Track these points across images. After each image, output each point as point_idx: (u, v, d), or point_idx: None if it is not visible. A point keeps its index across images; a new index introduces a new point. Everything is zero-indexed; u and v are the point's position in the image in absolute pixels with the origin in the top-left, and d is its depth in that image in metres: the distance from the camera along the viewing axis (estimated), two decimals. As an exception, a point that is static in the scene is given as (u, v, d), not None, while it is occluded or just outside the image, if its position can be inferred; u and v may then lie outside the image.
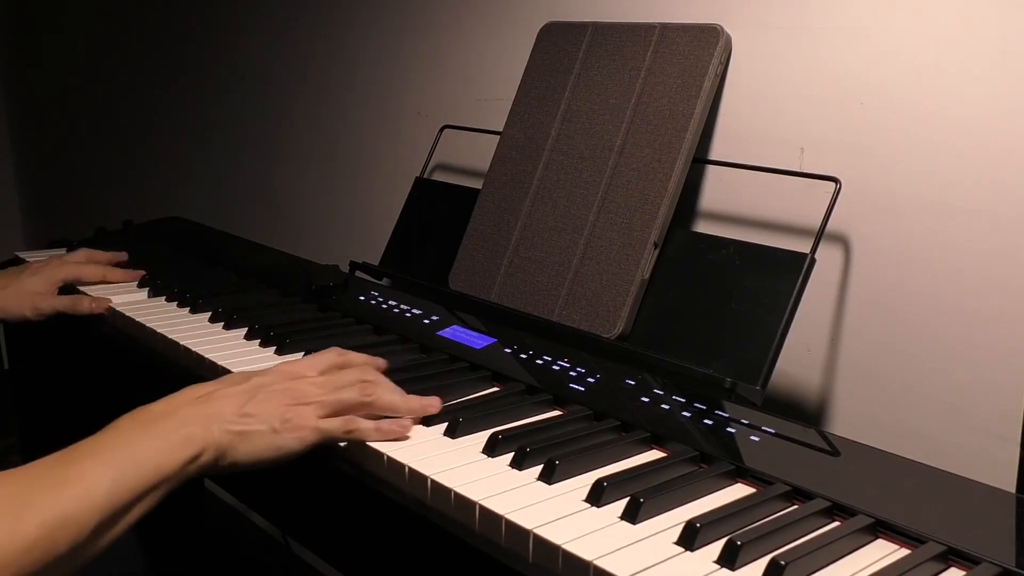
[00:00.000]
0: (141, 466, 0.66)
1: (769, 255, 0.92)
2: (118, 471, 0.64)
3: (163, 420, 0.70)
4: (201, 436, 0.69)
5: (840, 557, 0.60)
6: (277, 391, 0.75)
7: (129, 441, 0.67)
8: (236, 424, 0.71)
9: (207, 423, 0.70)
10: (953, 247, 0.88)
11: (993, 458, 0.86)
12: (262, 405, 0.73)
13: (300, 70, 1.69)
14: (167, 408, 0.71)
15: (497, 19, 1.31)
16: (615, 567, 0.57)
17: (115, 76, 2.25)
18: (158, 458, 0.67)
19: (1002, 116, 0.85)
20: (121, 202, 2.29)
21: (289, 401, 0.74)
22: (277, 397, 0.74)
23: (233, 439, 0.71)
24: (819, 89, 0.97)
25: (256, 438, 0.72)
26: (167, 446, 0.68)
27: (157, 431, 0.69)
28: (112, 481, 0.63)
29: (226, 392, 0.74)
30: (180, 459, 0.68)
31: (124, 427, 0.69)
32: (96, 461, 0.65)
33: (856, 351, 0.96)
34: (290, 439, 0.72)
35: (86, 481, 0.63)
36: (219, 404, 0.72)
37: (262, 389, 0.75)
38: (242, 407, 0.72)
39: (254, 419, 0.72)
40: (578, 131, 1.08)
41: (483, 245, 1.13)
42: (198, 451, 0.69)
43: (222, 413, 0.71)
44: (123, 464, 0.65)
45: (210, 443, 0.70)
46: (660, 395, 0.84)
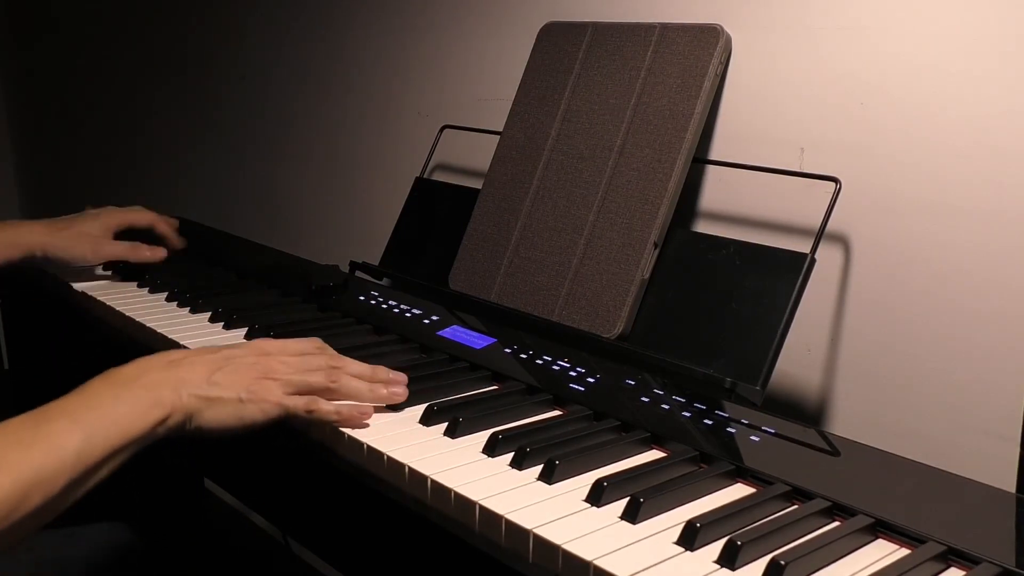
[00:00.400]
0: (110, 428, 0.68)
1: (769, 255, 0.92)
2: (88, 432, 0.67)
3: (133, 383, 0.72)
4: (170, 400, 0.72)
5: (840, 557, 0.60)
6: (247, 364, 0.78)
7: (99, 403, 0.70)
8: (203, 390, 0.74)
9: (176, 387, 0.73)
10: (953, 247, 0.88)
11: (993, 458, 0.86)
12: (230, 376, 0.76)
13: (300, 70, 1.69)
14: (137, 371, 0.74)
15: (497, 19, 1.31)
16: (615, 567, 0.57)
17: (115, 76, 2.25)
18: (127, 420, 0.69)
19: (1002, 116, 0.85)
20: (121, 202, 2.28)
21: (256, 375, 0.77)
22: (245, 370, 0.77)
23: (200, 404, 0.74)
24: (819, 89, 0.97)
25: (220, 406, 0.75)
26: (136, 409, 0.70)
27: (127, 394, 0.71)
28: (81, 441, 0.66)
29: (195, 360, 0.77)
30: (148, 422, 0.71)
31: (95, 389, 0.72)
32: (67, 421, 0.67)
33: (856, 351, 0.96)
34: (253, 409, 0.75)
35: (57, 440, 0.65)
36: (188, 370, 0.75)
37: (232, 360, 0.78)
38: (210, 375, 0.76)
39: (221, 387, 0.75)
40: (578, 131, 1.08)
41: (483, 245, 1.13)
42: (166, 414, 0.72)
43: (191, 379, 0.75)
44: (92, 425, 0.67)
45: (178, 407, 0.73)
46: (660, 395, 0.84)
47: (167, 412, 0.72)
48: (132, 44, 2.17)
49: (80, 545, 0.98)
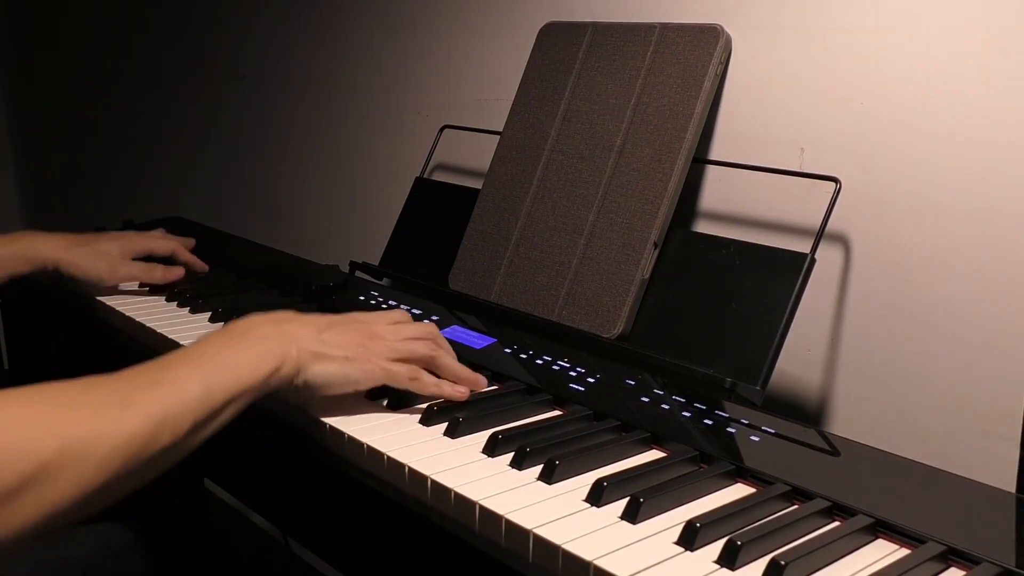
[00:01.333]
0: (227, 375, 0.71)
1: (769, 255, 0.92)
2: (207, 378, 0.69)
3: (247, 334, 0.75)
4: (281, 351, 0.75)
5: (840, 557, 0.60)
6: (352, 328, 0.80)
7: (217, 352, 0.72)
8: (313, 345, 0.77)
9: (287, 340, 0.76)
10: (953, 247, 0.88)
11: (993, 458, 0.86)
12: (337, 336, 0.79)
13: (300, 70, 1.69)
14: (249, 324, 0.76)
15: (497, 19, 1.31)
16: (615, 567, 0.57)
17: (115, 76, 2.25)
18: (243, 369, 0.72)
19: (1002, 116, 0.85)
20: (121, 202, 2.29)
21: (363, 338, 0.80)
22: (352, 333, 0.80)
23: (309, 358, 0.76)
24: (819, 89, 0.97)
25: (328, 362, 0.77)
26: (250, 358, 0.73)
27: (241, 345, 0.74)
28: (202, 386, 0.68)
29: (304, 318, 0.80)
30: (262, 371, 0.73)
31: (211, 340, 0.74)
32: (187, 367, 0.69)
33: (856, 351, 0.96)
34: (358, 369, 0.78)
35: (181, 383, 0.67)
36: (299, 326, 0.78)
37: (337, 324, 0.80)
38: (320, 333, 0.78)
39: (329, 345, 0.77)
40: (578, 131, 1.08)
41: (483, 245, 1.13)
42: (277, 364, 0.74)
43: (302, 334, 0.77)
44: (211, 372, 0.70)
45: (289, 358, 0.75)
46: (660, 395, 0.84)
47: (278, 363, 0.74)
48: (132, 44, 2.17)
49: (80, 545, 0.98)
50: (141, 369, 0.68)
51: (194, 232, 1.53)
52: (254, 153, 1.83)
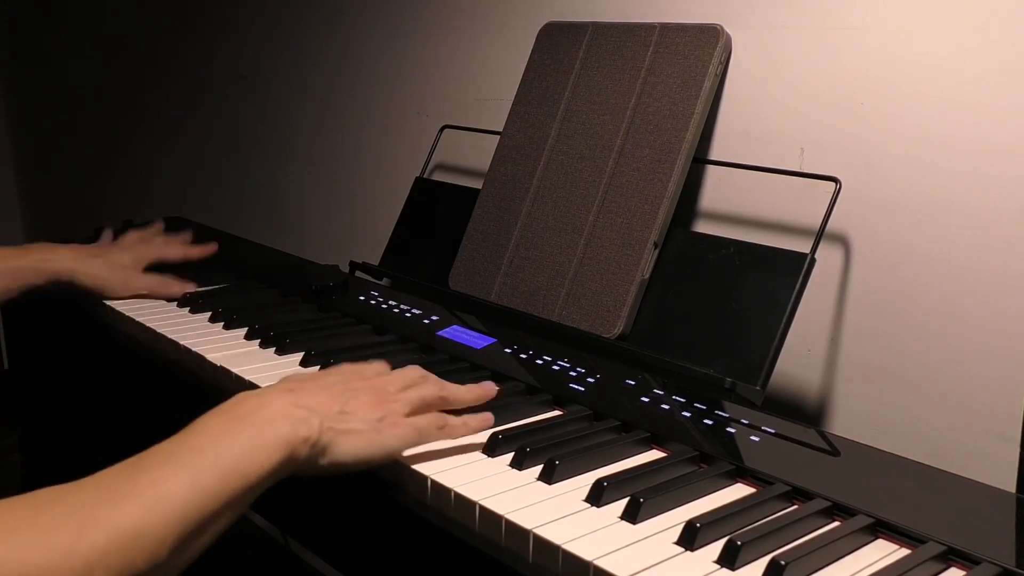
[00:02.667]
0: (225, 472, 0.59)
1: (769, 255, 0.92)
2: (196, 478, 0.57)
3: (249, 417, 0.63)
4: (295, 432, 0.63)
5: (840, 557, 0.60)
6: (362, 389, 0.72)
7: (211, 443, 0.60)
8: (337, 421, 0.67)
9: (304, 416, 0.64)
10: (954, 246, 0.88)
11: (993, 458, 0.86)
12: (354, 403, 0.69)
13: (301, 70, 1.69)
14: (255, 403, 0.65)
15: (497, 19, 1.31)
16: (615, 567, 0.57)
17: (116, 75, 2.25)
18: (244, 463, 0.60)
19: (1002, 115, 0.85)
20: (121, 202, 2.29)
21: (377, 399, 0.71)
22: (363, 396, 0.71)
23: (335, 436, 0.66)
24: (819, 89, 0.97)
25: (358, 437, 0.67)
26: (256, 448, 0.61)
27: (244, 431, 0.62)
28: (190, 490, 0.57)
29: (315, 388, 0.70)
30: (271, 461, 0.61)
31: (205, 427, 0.62)
32: (172, 467, 0.58)
33: (856, 351, 0.96)
34: (391, 437, 0.69)
35: (158, 490, 0.56)
36: (315, 398, 0.68)
37: (346, 387, 0.71)
38: (341, 404, 0.69)
39: (352, 417, 0.68)
40: (578, 131, 1.08)
41: (483, 245, 1.13)
42: (292, 449, 0.63)
43: (321, 408, 0.67)
44: (202, 469, 0.58)
45: (308, 438, 0.64)
46: (660, 395, 0.84)
47: (293, 447, 0.63)
48: (133, 43, 2.17)
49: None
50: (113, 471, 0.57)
51: (194, 232, 1.53)
52: (254, 153, 1.83)
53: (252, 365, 0.91)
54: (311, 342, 0.96)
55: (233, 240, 1.47)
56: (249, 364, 0.91)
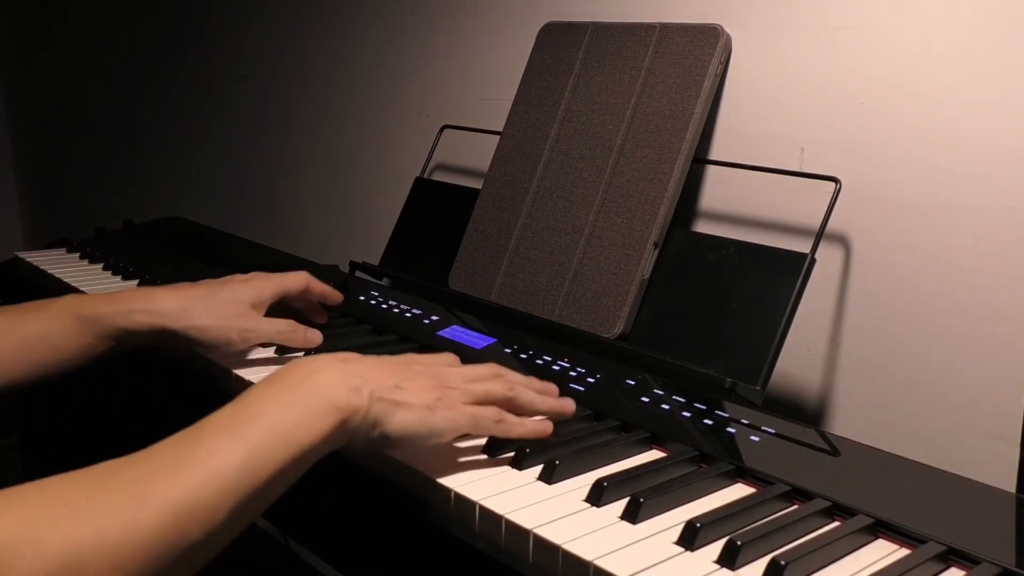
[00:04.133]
0: (277, 440, 0.59)
1: (769, 255, 0.92)
2: (251, 447, 0.58)
3: (302, 385, 0.63)
4: (347, 400, 0.63)
5: (840, 557, 0.60)
6: (421, 372, 0.70)
7: (263, 412, 0.60)
8: (390, 392, 0.65)
9: (357, 387, 0.64)
10: (953, 246, 0.88)
11: (993, 458, 0.86)
12: (411, 381, 0.68)
13: (301, 70, 1.69)
14: (306, 371, 0.64)
15: (497, 19, 1.31)
16: (615, 567, 0.57)
17: (115, 75, 2.25)
18: (297, 429, 0.60)
19: (1002, 115, 0.85)
20: (121, 202, 2.29)
21: (436, 383, 0.69)
22: (423, 378, 0.69)
23: (387, 408, 0.65)
24: (819, 89, 0.97)
25: (409, 411, 0.66)
26: (308, 415, 0.61)
27: (297, 397, 0.62)
28: (244, 459, 0.57)
29: (372, 361, 0.68)
30: (323, 428, 0.61)
31: (257, 395, 0.62)
32: (226, 438, 0.58)
33: (856, 351, 0.96)
34: (442, 419, 0.67)
35: (214, 461, 0.56)
36: (369, 369, 0.66)
37: (410, 367, 0.70)
38: (392, 377, 0.67)
39: (407, 392, 0.66)
40: (578, 131, 1.08)
41: (483, 245, 1.13)
42: (345, 416, 0.62)
43: (374, 378, 0.65)
44: (256, 439, 0.58)
45: (360, 407, 0.63)
46: (660, 395, 0.84)
47: (345, 414, 0.62)
48: (133, 44, 2.17)
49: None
50: (168, 444, 0.58)
51: (194, 232, 1.53)
52: (254, 153, 1.83)
53: (252, 366, 0.91)
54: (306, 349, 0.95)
55: (233, 240, 1.47)
56: (249, 364, 0.91)
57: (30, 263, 1.31)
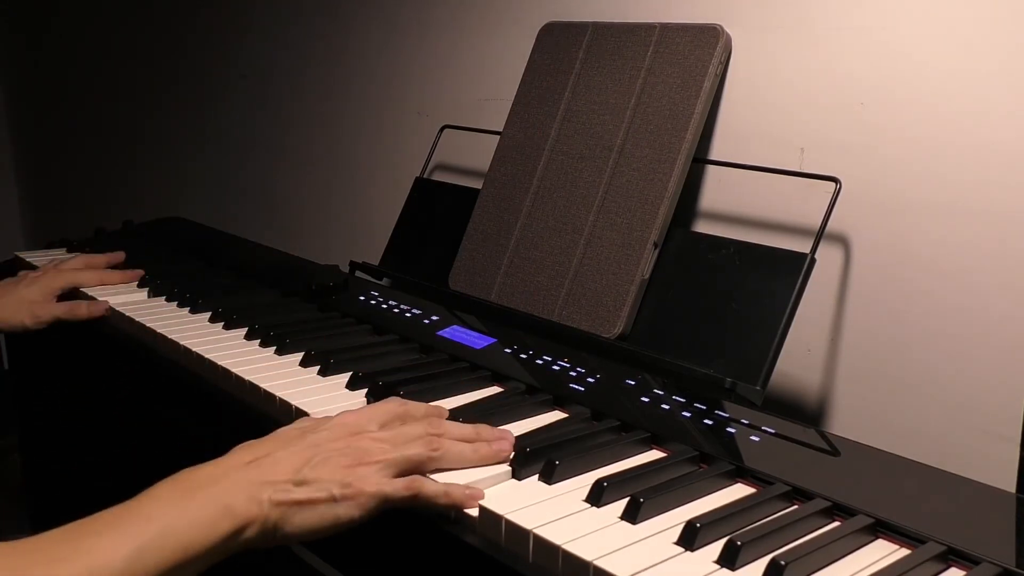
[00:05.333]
0: (167, 543, 0.58)
1: (769, 255, 0.92)
2: (137, 547, 0.57)
3: (204, 488, 0.62)
4: (245, 509, 0.62)
5: (840, 557, 0.60)
6: (337, 450, 0.68)
7: (159, 512, 0.60)
8: (290, 492, 0.64)
9: (255, 493, 0.63)
10: (953, 247, 0.88)
11: (993, 458, 0.86)
12: (319, 469, 0.66)
13: (301, 70, 1.69)
14: (213, 473, 0.64)
15: (497, 19, 1.31)
16: (615, 567, 0.57)
17: (115, 75, 2.25)
18: (188, 533, 0.59)
19: (1002, 116, 0.85)
20: (121, 202, 2.29)
21: (350, 462, 0.67)
22: (336, 458, 0.67)
23: (285, 512, 0.64)
24: (819, 89, 0.97)
25: (310, 509, 0.64)
26: (202, 519, 0.60)
27: (194, 501, 0.61)
28: (128, 559, 0.56)
29: (279, 456, 0.66)
30: (216, 535, 0.60)
31: (157, 494, 0.62)
32: (113, 535, 0.57)
33: (856, 351, 0.96)
34: (349, 507, 0.65)
35: (96, 558, 0.56)
36: (271, 470, 0.65)
37: (320, 448, 0.68)
38: (297, 472, 0.65)
39: (310, 487, 0.65)
40: (578, 131, 1.08)
41: (483, 245, 1.13)
42: (241, 525, 0.62)
43: (275, 480, 0.64)
44: (144, 539, 0.58)
45: (257, 517, 0.62)
46: (660, 395, 0.84)
47: (241, 524, 0.61)
48: (133, 44, 2.17)
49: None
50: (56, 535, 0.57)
51: (194, 232, 1.53)
52: (254, 153, 1.83)
53: (252, 366, 0.91)
54: (311, 342, 0.96)
55: (233, 240, 1.47)
56: (249, 364, 0.91)
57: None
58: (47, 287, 1.15)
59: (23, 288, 1.14)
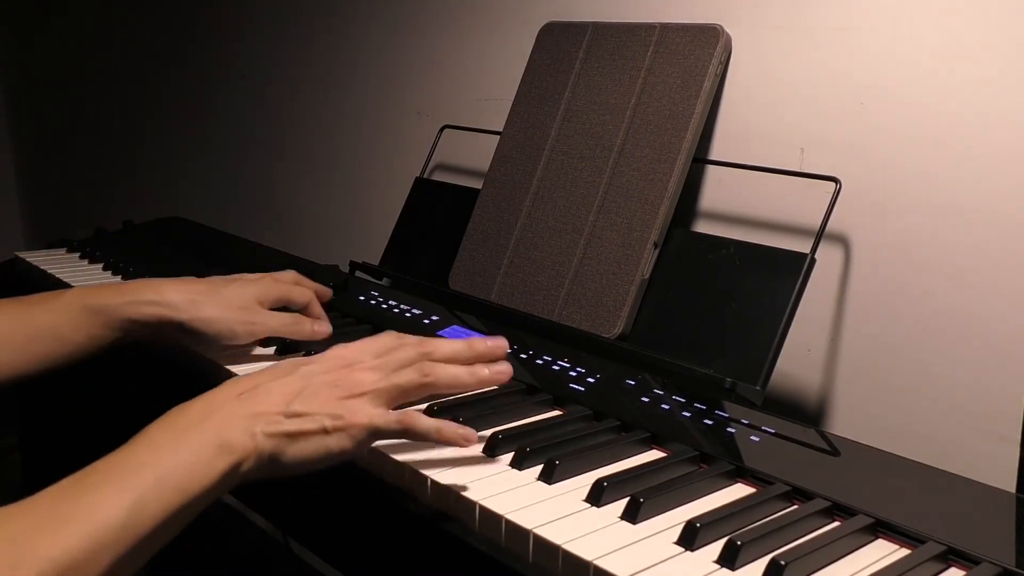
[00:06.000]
0: (165, 487, 0.58)
1: (769, 255, 0.92)
2: (136, 497, 0.56)
3: (196, 427, 0.61)
4: (240, 443, 0.61)
5: (840, 557, 0.60)
6: (327, 382, 0.67)
7: (153, 458, 0.59)
8: (281, 424, 0.63)
9: (248, 426, 0.62)
10: (953, 247, 0.88)
11: (993, 458, 0.86)
12: (311, 400, 0.65)
13: (301, 69, 1.69)
14: (204, 409, 0.63)
15: (497, 19, 1.31)
16: (615, 567, 0.57)
17: (115, 75, 2.25)
18: (187, 475, 0.59)
19: (1002, 116, 0.85)
20: (121, 202, 2.29)
21: (341, 393, 0.66)
22: (327, 390, 0.66)
23: (278, 443, 0.63)
24: (819, 89, 0.97)
25: (303, 440, 0.64)
26: (199, 459, 0.59)
27: (188, 441, 0.60)
28: (129, 511, 0.56)
29: (270, 387, 0.66)
30: (214, 472, 0.60)
31: (150, 438, 0.61)
32: (110, 488, 0.57)
33: (856, 351, 0.96)
34: (341, 439, 0.65)
35: (97, 515, 0.55)
36: (262, 402, 0.64)
37: (311, 380, 0.67)
38: (288, 404, 0.64)
39: (302, 418, 0.64)
40: (578, 131, 1.08)
41: (483, 245, 1.13)
42: (237, 460, 0.61)
43: (266, 412, 0.63)
44: (142, 487, 0.57)
45: (251, 450, 0.62)
46: (660, 395, 0.84)
47: (238, 458, 0.61)
48: (133, 43, 2.17)
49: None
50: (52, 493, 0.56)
51: (194, 232, 1.53)
52: (254, 153, 1.83)
53: (252, 365, 0.91)
54: (310, 342, 0.95)
55: (233, 240, 1.47)
56: (249, 364, 0.91)
57: (30, 263, 1.31)
58: (264, 294, 0.93)
59: (237, 287, 0.92)
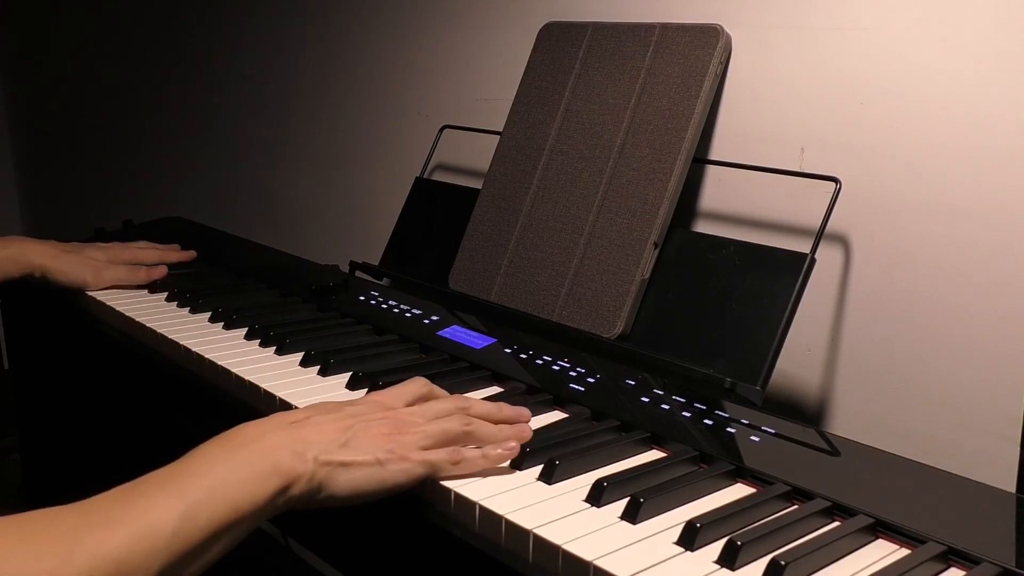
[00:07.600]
0: (217, 500, 0.59)
1: (769, 255, 0.92)
2: (188, 507, 0.58)
3: (248, 446, 0.63)
4: (291, 465, 0.63)
5: (840, 557, 0.60)
6: (376, 420, 0.69)
7: (207, 471, 0.61)
8: (336, 454, 0.65)
9: (301, 451, 0.64)
10: (953, 247, 0.88)
11: (993, 458, 0.86)
12: (361, 436, 0.67)
13: (301, 70, 1.69)
14: (255, 432, 0.65)
15: (497, 19, 1.31)
16: (615, 567, 0.57)
17: (116, 75, 2.25)
18: (238, 491, 0.60)
19: (1002, 116, 0.85)
20: (121, 202, 2.29)
21: (390, 431, 0.68)
22: (376, 427, 0.68)
23: (332, 471, 0.64)
24: (819, 89, 0.97)
25: (357, 470, 0.65)
26: (251, 477, 0.61)
27: (241, 459, 0.62)
28: (180, 519, 0.57)
29: (321, 420, 0.68)
30: (266, 492, 0.61)
31: (204, 453, 0.63)
32: (164, 495, 0.58)
33: (856, 351, 0.96)
34: (395, 471, 0.66)
35: (149, 518, 0.56)
36: (315, 431, 0.66)
37: (359, 418, 0.69)
38: (341, 434, 0.66)
39: (355, 449, 0.66)
40: (578, 131, 1.08)
41: (483, 245, 1.13)
42: (287, 482, 0.62)
43: (320, 441, 0.65)
44: (195, 498, 0.58)
45: (303, 474, 0.63)
46: (660, 395, 0.84)
47: (288, 480, 0.62)
48: (133, 44, 2.17)
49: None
50: (107, 496, 0.58)
51: (194, 232, 1.53)
52: (254, 153, 1.83)
53: (252, 365, 0.91)
54: (311, 342, 0.96)
55: (233, 240, 1.47)
56: (249, 364, 0.91)
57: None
58: (114, 256, 1.22)
59: (90, 250, 1.21)
